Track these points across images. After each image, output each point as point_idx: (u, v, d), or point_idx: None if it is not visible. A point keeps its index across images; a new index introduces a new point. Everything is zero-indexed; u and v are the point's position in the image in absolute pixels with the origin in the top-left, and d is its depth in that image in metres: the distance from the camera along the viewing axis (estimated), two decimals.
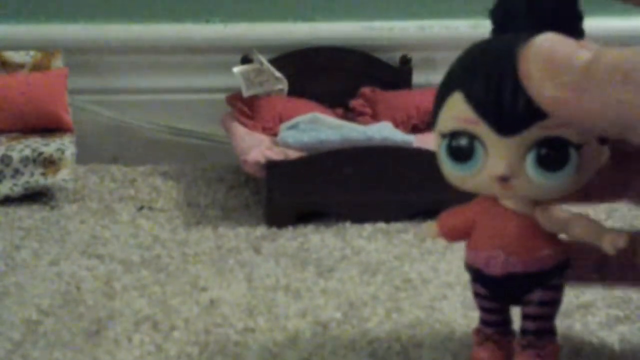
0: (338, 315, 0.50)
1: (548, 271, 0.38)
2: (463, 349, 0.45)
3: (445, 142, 0.36)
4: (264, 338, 0.47)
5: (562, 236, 0.38)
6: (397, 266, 0.58)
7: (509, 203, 0.38)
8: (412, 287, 0.54)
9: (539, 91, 0.32)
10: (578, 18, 0.35)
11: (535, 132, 0.34)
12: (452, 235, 0.40)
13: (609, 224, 0.40)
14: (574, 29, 0.35)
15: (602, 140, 0.35)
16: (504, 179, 0.35)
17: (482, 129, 0.35)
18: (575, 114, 0.31)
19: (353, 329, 0.48)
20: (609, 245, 0.36)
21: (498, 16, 0.37)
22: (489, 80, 0.34)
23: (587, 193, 0.39)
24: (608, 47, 0.31)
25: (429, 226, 0.41)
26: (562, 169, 0.35)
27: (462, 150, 0.36)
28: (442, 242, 0.62)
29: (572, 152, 0.35)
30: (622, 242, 0.36)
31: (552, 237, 0.38)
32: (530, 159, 0.35)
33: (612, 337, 0.46)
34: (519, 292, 0.38)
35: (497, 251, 0.37)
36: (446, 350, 0.45)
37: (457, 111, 0.36)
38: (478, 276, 0.39)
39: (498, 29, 0.37)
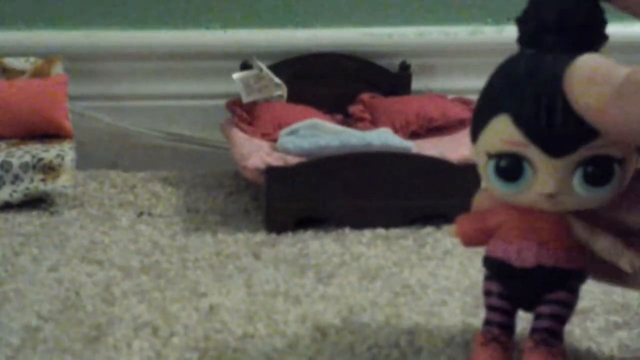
0: (337, 321, 0.50)
1: (574, 270, 0.39)
2: (462, 355, 0.45)
3: (492, 163, 0.38)
4: (263, 344, 0.47)
5: None
6: (396, 272, 0.58)
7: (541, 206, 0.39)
8: (411, 293, 0.54)
9: (581, 103, 0.34)
10: (605, 32, 0.37)
11: (583, 152, 0.36)
12: (471, 239, 0.41)
13: None
14: (601, 43, 0.37)
15: (638, 149, 0.37)
16: (551, 196, 0.37)
17: (532, 151, 0.37)
18: (615, 123, 0.33)
19: (352, 334, 0.48)
20: (626, 265, 0.38)
21: (527, 27, 0.38)
22: (539, 104, 0.36)
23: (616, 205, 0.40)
24: None
25: (449, 227, 0.42)
26: (607, 183, 0.37)
27: (511, 171, 0.37)
28: (441, 248, 0.62)
29: (616, 168, 0.37)
30: (639, 263, 0.38)
31: (580, 245, 0.39)
32: (577, 176, 0.37)
33: (611, 343, 0.46)
34: (540, 290, 0.39)
35: (530, 242, 0.39)
36: (446, 355, 0.45)
37: (505, 134, 0.37)
38: (502, 270, 0.40)
39: (526, 39, 0.38)
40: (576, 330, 0.48)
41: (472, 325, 0.48)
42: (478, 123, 0.39)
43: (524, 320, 0.42)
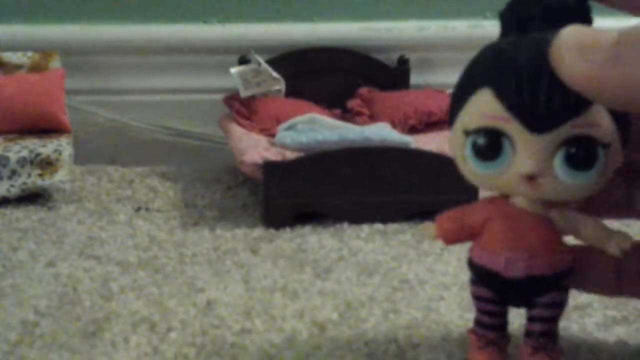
0: (335, 316, 0.50)
1: (564, 273, 0.38)
2: (460, 350, 0.45)
3: (470, 140, 0.36)
4: (261, 339, 0.47)
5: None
6: (395, 267, 0.58)
7: (523, 204, 0.37)
8: (409, 288, 0.54)
9: (571, 73, 0.32)
10: (591, 22, 0.36)
11: (566, 130, 0.34)
12: (451, 237, 0.39)
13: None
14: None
15: (623, 142, 0.35)
16: (531, 178, 0.35)
17: (512, 126, 0.34)
18: (608, 90, 0.31)
19: (350, 329, 0.48)
20: (615, 248, 0.36)
21: (510, 20, 0.36)
22: (522, 76, 0.34)
23: (594, 208, 0.39)
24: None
25: (427, 227, 0.40)
26: (590, 168, 0.35)
27: (489, 148, 0.35)
28: (439, 243, 0.62)
29: (600, 152, 0.35)
30: (627, 245, 0.36)
31: (563, 240, 0.38)
32: (559, 157, 0.35)
33: (609, 339, 0.46)
34: (531, 295, 0.38)
35: (520, 253, 0.37)
36: (443, 351, 0.45)
37: (485, 108, 0.35)
38: (488, 279, 0.38)
39: (510, 31, 0.36)
40: (574, 326, 0.48)
41: (469, 320, 0.48)
42: (456, 102, 0.37)
43: (521, 316, 0.41)
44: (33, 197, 0.72)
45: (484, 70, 0.36)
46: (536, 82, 0.33)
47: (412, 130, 0.78)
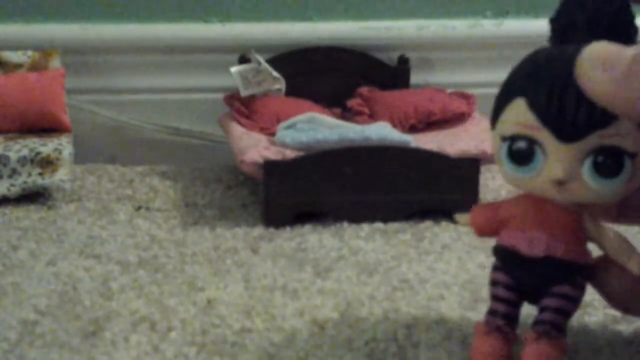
0: (335, 315, 0.50)
1: (581, 265, 0.40)
2: (460, 349, 0.45)
3: (506, 145, 0.39)
4: (261, 338, 0.47)
5: None
6: (395, 266, 0.58)
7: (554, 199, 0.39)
8: (409, 287, 0.54)
9: (592, 87, 0.35)
10: (634, 30, 0.38)
11: (593, 140, 0.37)
12: (484, 228, 0.42)
13: None
14: (630, 41, 0.37)
15: None
16: (560, 183, 0.38)
17: (543, 135, 0.37)
18: (624, 105, 0.34)
19: (350, 328, 0.48)
20: (635, 266, 0.38)
21: (558, 26, 0.39)
22: (552, 89, 0.37)
23: (621, 211, 0.41)
24: None
25: (461, 216, 0.43)
26: (616, 176, 0.37)
27: (523, 154, 0.38)
28: (439, 243, 0.62)
29: (627, 161, 0.37)
30: None
31: (585, 239, 0.40)
32: (587, 165, 0.37)
33: (610, 337, 0.46)
34: (548, 281, 0.40)
35: (541, 232, 0.39)
36: (443, 350, 0.45)
37: (520, 117, 0.38)
38: (510, 259, 0.40)
39: (556, 37, 0.39)
40: (575, 325, 0.48)
41: (470, 319, 0.48)
42: (497, 108, 0.39)
43: (529, 316, 0.42)
44: (33, 196, 0.72)
45: (520, 80, 0.38)
46: (565, 94, 0.36)
47: (412, 129, 0.78)
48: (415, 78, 0.86)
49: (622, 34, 0.37)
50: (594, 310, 0.50)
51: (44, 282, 0.55)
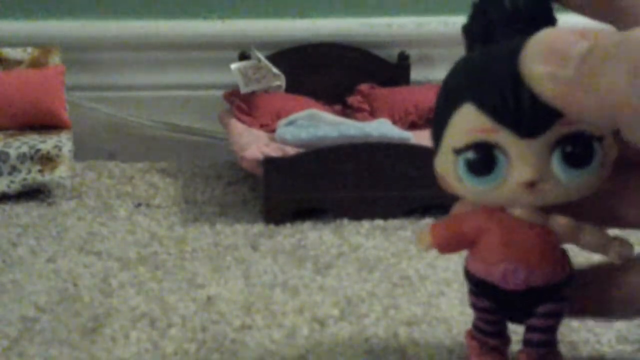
0: (335, 312, 0.50)
1: (563, 282, 0.37)
2: (460, 346, 0.45)
3: (461, 158, 0.35)
4: (261, 335, 0.47)
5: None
6: (395, 263, 0.58)
7: (519, 213, 0.36)
8: (409, 284, 0.54)
9: (540, 89, 0.31)
10: (553, 21, 0.35)
11: (557, 129, 0.33)
12: (446, 246, 0.38)
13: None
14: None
15: (615, 134, 0.34)
16: (531, 185, 0.34)
17: (503, 136, 0.34)
18: (575, 108, 0.30)
19: (350, 325, 0.48)
20: (614, 255, 0.35)
21: (475, 32, 0.36)
22: (503, 85, 0.33)
23: (588, 215, 0.37)
24: (609, 32, 0.29)
25: (422, 236, 0.38)
26: (589, 163, 0.34)
27: (483, 162, 0.34)
28: None
29: (596, 145, 0.34)
30: (627, 252, 0.35)
31: (562, 248, 0.37)
32: (556, 158, 0.34)
33: (610, 334, 0.46)
34: (530, 305, 0.37)
35: (518, 265, 0.36)
36: (444, 347, 0.45)
37: (471, 123, 0.34)
38: (486, 290, 0.37)
39: (474, 45, 0.36)
40: (574, 322, 0.48)
41: (470, 316, 0.48)
42: (440, 123, 0.35)
43: None
44: (33, 193, 0.72)
45: (462, 85, 0.35)
46: (518, 87, 0.32)
47: (412, 126, 0.78)
48: (415, 75, 0.86)
49: (543, 23, 0.34)
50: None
51: (44, 279, 0.55)
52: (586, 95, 0.29)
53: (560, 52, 0.30)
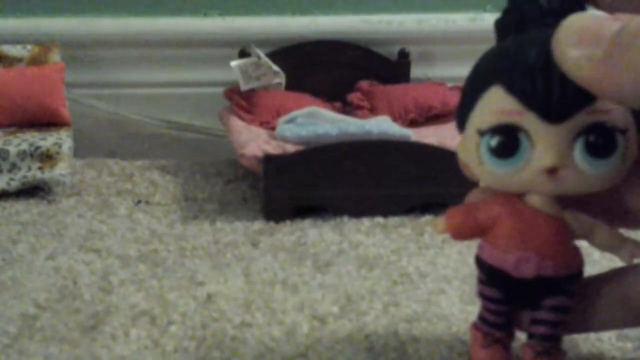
0: (335, 309, 0.50)
1: (573, 275, 0.37)
2: (460, 343, 0.45)
3: (485, 140, 0.35)
4: (261, 332, 0.47)
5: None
6: (395, 260, 0.58)
7: (536, 202, 0.36)
8: (409, 282, 0.54)
9: (575, 72, 0.31)
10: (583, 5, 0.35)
11: (582, 118, 0.34)
12: (461, 233, 0.38)
13: None
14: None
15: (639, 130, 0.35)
16: (552, 171, 0.34)
17: (528, 119, 0.34)
18: (611, 87, 0.30)
19: (350, 323, 0.48)
20: (626, 255, 0.36)
21: (507, 26, 0.36)
22: (534, 68, 0.33)
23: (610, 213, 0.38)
24: None
25: (435, 221, 0.39)
26: (610, 155, 0.34)
27: (506, 144, 0.35)
28: (439, 236, 0.62)
29: (619, 138, 0.34)
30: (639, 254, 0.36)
31: (575, 244, 0.37)
32: (578, 147, 0.34)
33: (610, 332, 0.46)
34: (539, 296, 0.37)
35: (530, 253, 0.36)
36: (444, 344, 0.45)
37: (499, 104, 0.34)
38: (497, 278, 0.37)
39: (507, 34, 0.36)
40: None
41: (471, 313, 0.48)
42: (466, 104, 0.36)
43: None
44: (33, 191, 0.72)
45: (493, 68, 0.35)
46: (548, 72, 0.33)
47: (413, 123, 0.78)
48: (415, 72, 0.86)
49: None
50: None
51: (44, 277, 0.55)
52: (620, 73, 0.29)
53: (593, 33, 0.30)
